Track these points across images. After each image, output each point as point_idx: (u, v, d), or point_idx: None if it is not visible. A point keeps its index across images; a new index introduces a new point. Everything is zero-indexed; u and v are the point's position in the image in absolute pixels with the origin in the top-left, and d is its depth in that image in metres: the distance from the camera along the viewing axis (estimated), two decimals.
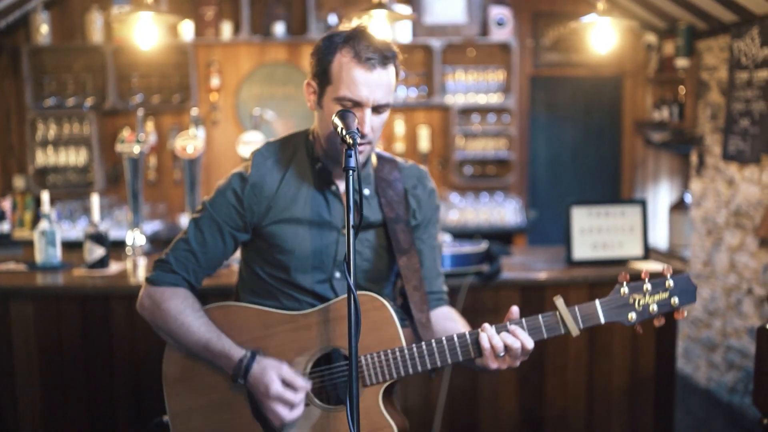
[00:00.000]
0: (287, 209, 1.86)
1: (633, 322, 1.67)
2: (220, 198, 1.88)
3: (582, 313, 1.68)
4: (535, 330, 1.69)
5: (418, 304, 1.89)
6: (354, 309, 1.47)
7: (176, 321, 1.82)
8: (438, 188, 5.98)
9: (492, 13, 5.53)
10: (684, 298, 1.65)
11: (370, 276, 1.91)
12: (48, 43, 5.33)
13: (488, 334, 1.69)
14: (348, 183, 1.53)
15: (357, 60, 1.74)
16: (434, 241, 2.03)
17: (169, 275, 1.86)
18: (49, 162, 5.39)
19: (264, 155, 1.90)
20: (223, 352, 1.78)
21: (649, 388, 3.27)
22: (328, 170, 1.88)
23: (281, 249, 1.85)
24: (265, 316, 1.84)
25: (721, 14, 4.43)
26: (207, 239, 1.87)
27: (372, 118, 1.77)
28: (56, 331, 3.06)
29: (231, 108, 5.64)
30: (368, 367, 1.74)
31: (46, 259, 3.35)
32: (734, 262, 4.54)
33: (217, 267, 1.93)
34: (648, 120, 5.75)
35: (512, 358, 1.70)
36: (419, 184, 2.00)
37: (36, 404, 3.06)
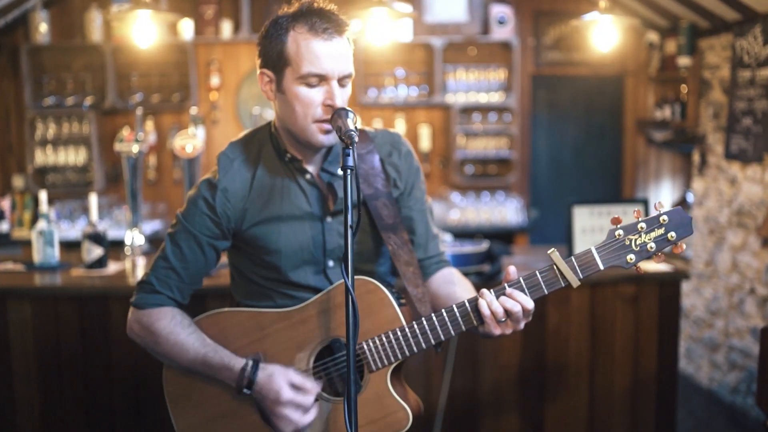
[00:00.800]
0: (265, 208, 1.79)
1: (632, 263, 1.60)
2: (192, 209, 1.81)
3: (579, 262, 1.61)
4: (535, 287, 1.62)
5: (411, 279, 1.83)
6: (353, 311, 1.44)
7: (168, 342, 1.77)
8: (439, 187, 5.98)
9: (493, 11, 5.51)
10: (681, 231, 1.58)
11: (362, 257, 1.84)
12: (47, 42, 5.31)
13: (487, 300, 1.62)
14: (345, 184, 1.49)
15: (314, 33, 1.67)
16: (422, 205, 1.95)
17: (152, 296, 1.80)
18: (48, 161, 5.37)
19: (229, 157, 1.83)
20: (223, 365, 1.73)
21: (651, 389, 3.25)
22: (298, 159, 1.80)
23: (267, 250, 1.80)
24: (259, 317, 1.79)
25: (724, 12, 4.40)
26: (186, 254, 1.80)
27: (340, 91, 1.72)
28: (54, 332, 3.04)
29: (231, 107, 5.62)
30: (371, 352, 1.70)
31: (44, 259, 3.33)
32: (736, 261, 4.52)
33: (201, 279, 1.87)
34: (650, 119, 5.72)
35: (514, 322, 1.64)
36: (393, 150, 1.90)
37: (34, 404, 3.04)
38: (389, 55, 5.58)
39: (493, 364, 3.17)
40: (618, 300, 3.21)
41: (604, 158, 6.04)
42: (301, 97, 1.69)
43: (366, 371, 1.72)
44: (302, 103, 1.69)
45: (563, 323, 3.19)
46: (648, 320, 3.22)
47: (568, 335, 3.20)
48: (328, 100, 1.69)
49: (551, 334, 3.20)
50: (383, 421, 1.70)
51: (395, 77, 5.62)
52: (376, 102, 5.54)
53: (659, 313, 3.22)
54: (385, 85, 5.61)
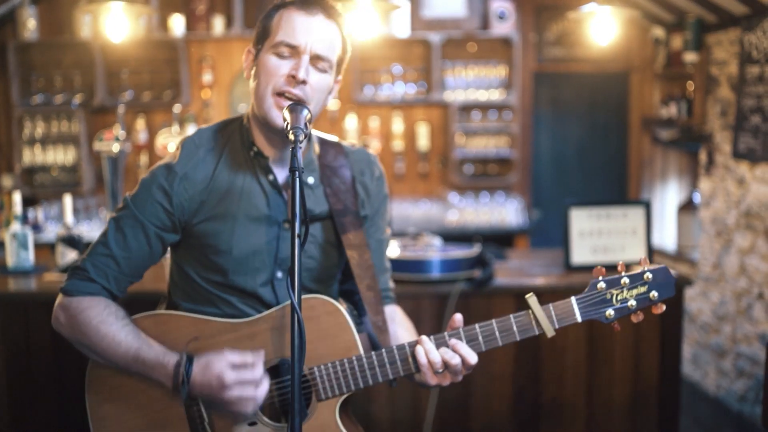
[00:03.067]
0: (220, 203, 1.65)
1: (611, 318, 1.56)
2: (144, 194, 1.65)
3: (557, 311, 1.55)
4: (507, 332, 1.55)
5: (373, 305, 1.70)
6: (299, 332, 1.29)
7: (98, 332, 1.59)
8: (437, 188, 5.84)
9: (493, 6, 5.37)
10: (663, 291, 1.55)
11: (316, 276, 1.72)
12: (35, 38, 5.20)
13: (425, 348, 1.53)
14: (293, 187, 1.35)
15: (299, 6, 1.61)
16: (381, 234, 1.84)
17: (85, 284, 1.63)
18: (36, 161, 5.26)
19: (195, 143, 1.69)
20: (157, 361, 1.57)
21: (652, 398, 3.11)
22: (265, 156, 1.67)
23: (216, 249, 1.65)
24: (203, 325, 1.64)
25: (732, 6, 4.28)
26: (129, 242, 1.64)
27: (311, 71, 1.59)
28: (24, 338, 2.93)
29: (224, 105, 5.49)
30: (322, 379, 1.56)
31: (17, 262, 3.22)
32: (745, 265, 4.39)
33: (142, 273, 1.70)
34: (655, 117, 5.60)
35: (452, 374, 1.55)
36: (367, 170, 1.81)
37: (4, 412, 2.93)
38: (386, 51, 5.44)
39: (485, 375, 3.03)
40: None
41: (608, 157, 5.90)
42: (268, 65, 1.60)
43: (314, 398, 1.58)
44: (267, 72, 1.60)
45: (559, 333, 3.00)
46: (649, 328, 3.07)
47: (564, 344, 3.06)
48: (293, 70, 1.58)
49: (547, 343, 3.05)
50: None
51: (392, 74, 5.48)
52: (373, 100, 5.39)
53: (661, 320, 3.07)
54: (382, 83, 5.47)
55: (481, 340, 1.55)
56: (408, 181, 5.63)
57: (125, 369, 1.61)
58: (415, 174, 5.65)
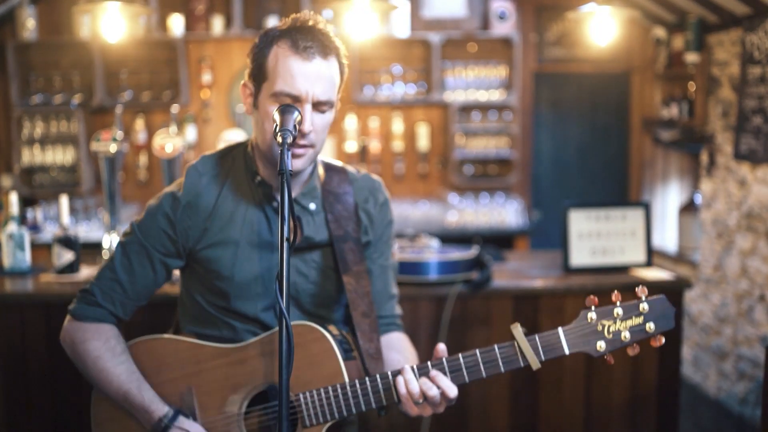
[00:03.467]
0: (223, 230, 1.67)
1: (602, 351, 1.48)
2: (150, 221, 1.69)
3: (543, 342, 1.50)
4: (491, 363, 1.52)
5: (366, 333, 1.69)
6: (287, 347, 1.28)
7: (95, 366, 1.65)
8: (437, 189, 5.82)
9: (493, 6, 5.34)
10: (661, 323, 1.47)
11: (318, 300, 1.72)
12: (34, 38, 5.18)
13: (405, 378, 1.51)
14: (282, 189, 1.34)
15: (294, 50, 1.57)
16: (386, 260, 1.84)
17: (93, 309, 1.68)
18: (35, 161, 5.24)
19: (199, 171, 1.71)
20: (143, 407, 1.61)
21: (651, 404, 3.08)
22: (269, 184, 1.69)
23: (219, 275, 1.67)
24: (197, 350, 1.66)
25: (733, 6, 4.25)
26: (135, 268, 1.68)
27: (314, 116, 1.58)
28: (20, 340, 2.91)
29: (223, 105, 5.47)
30: (307, 406, 1.56)
31: (14, 263, 3.20)
32: (746, 266, 4.37)
33: (148, 297, 1.75)
34: (656, 118, 5.57)
35: (431, 406, 1.53)
36: (371, 196, 1.81)
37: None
38: (385, 52, 5.42)
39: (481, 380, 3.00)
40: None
41: (609, 158, 5.87)
42: (271, 115, 1.57)
43: (300, 426, 1.57)
44: (271, 122, 1.56)
45: None
46: None
47: (526, 368, 3.02)
48: (299, 124, 1.54)
49: None
50: None
51: (392, 74, 5.45)
52: (373, 100, 5.37)
53: None
54: (382, 83, 5.44)
55: (464, 371, 1.53)
56: (408, 182, 5.61)
57: (115, 402, 1.67)
58: (414, 174, 5.62)
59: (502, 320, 2.98)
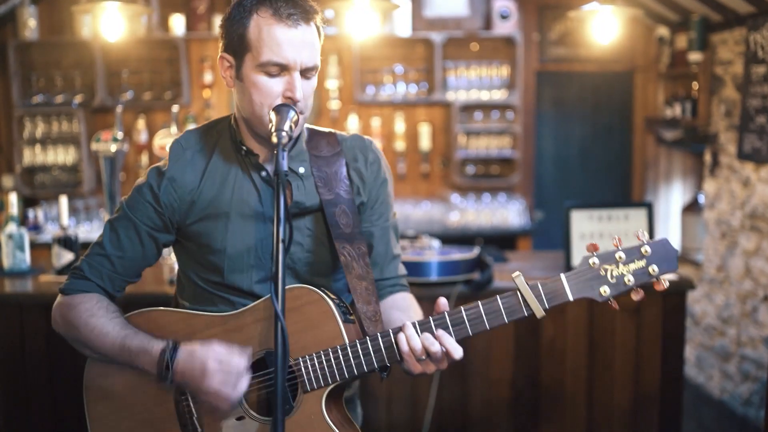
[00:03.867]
0: (212, 203, 1.65)
1: (606, 296, 1.45)
2: (136, 196, 1.68)
3: (546, 290, 1.46)
4: (494, 314, 1.48)
5: (363, 295, 1.64)
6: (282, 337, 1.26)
7: (87, 325, 1.62)
8: (439, 188, 5.79)
9: (495, 5, 5.32)
10: (664, 265, 1.42)
11: (315, 269, 1.69)
12: (35, 38, 5.17)
13: (407, 335, 1.49)
14: (277, 190, 1.32)
15: (277, 17, 1.53)
16: (386, 221, 1.78)
17: (81, 282, 1.68)
18: (37, 161, 5.23)
19: (182, 146, 1.69)
20: (141, 348, 1.58)
21: (653, 407, 3.07)
22: (255, 154, 1.66)
23: (211, 249, 1.65)
24: (191, 320, 1.64)
25: (737, 5, 4.23)
26: (123, 242, 1.67)
27: (302, 83, 1.57)
28: (19, 340, 2.92)
29: (225, 105, 5.46)
30: (307, 370, 1.54)
31: (13, 264, 3.20)
32: (749, 267, 4.34)
33: (138, 272, 1.73)
34: (660, 117, 5.55)
35: (434, 362, 1.50)
36: (360, 155, 1.75)
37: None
38: (387, 51, 5.40)
39: (484, 379, 2.99)
40: (618, 311, 3.00)
41: (611, 158, 5.84)
42: (259, 86, 1.56)
43: (300, 390, 1.55)
44: (260, 93, 1.56)
45: (559, 335, 3.00)
46: (651, 332, 3.03)
47: (564, 348, 3.01)
48: (288, 91, 1.55)
49: (546, 347, 3.01)
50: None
51: (394, 74, 5.43)
52: (374, 100, 5.36)
53: (663, 324, 3.03)
54: (384, 83, 5.42)
55: (467, 323, 1.49)
56: (409, 182, 5.59)
57: (114, 359, 1.63)
58: (416, 174, 5.61)
59: None
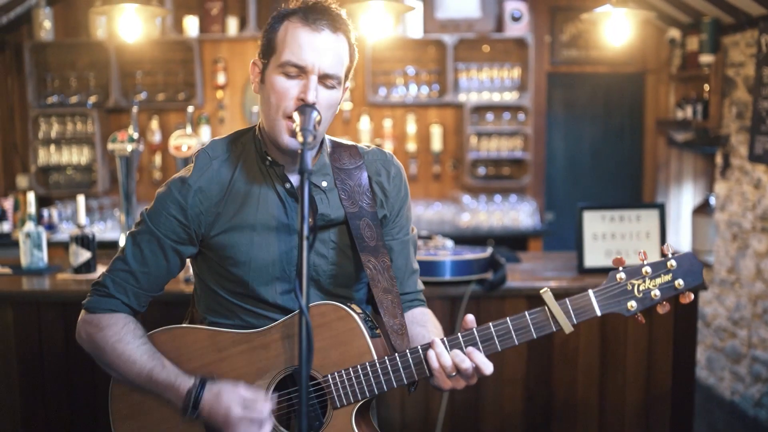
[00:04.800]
0: (237, 214, 1.63)
1: (633, 311, 1.47)
2: (159, 208, 1.65)
3: (574, 305, 1.49)
4: (523, 330, 1.50)
5: (389, 309, 1.65)
6: (306, 336, 1.28)
7: (114, 351, 1.61)
8: (451, 189, 5.81)
9: (507, 7, 5.34)
10: (690, 278, 1.45)
11: (339, 281, 1.69)
12: (51, 39, 5.23)
13: (436, 352, 1.50)
14: (302, 188, 1.33)
15: (304, 22, 1.54)
16: (406, 235, 1.79)
17: (106, 300, 1.65)
18: (51, 161, 5.29)
19: (209, 155, 1.66)
20: (169, 383, 1.58)
21: (665, 407, 3.07)
22: (280, 164, 1.64)
23: (234, 261, 1.63)
24: (218, 337, 1.63)
25: (749, 7, 4.24)
26: (147, 257, 1.64)
27: (320, 90, 1.55)
28: (37, 338, 2.95)
29: (238, 106, 5.50)
30: (336, 387, 1.55)
31: (31, 262, 3.23)
32: (761, 268, 4.34)
33: (162, 287, 1.71)
34: (671, 119, 5.55)
35: (465, 378, 1.52)
36: (383, 169, 1.75)
37: (16, 410, 2.95)
38: (399, 53, 5.43)
39: (496, 379, 3.01)
40: None
41: (623, 160, 5.85)
42: (276, 87, 1.55)
43: (329, 406, 1.57)
44: (276, 94, 1.55)
45: (571, 335, 3.01)
46: (662, 333, 3.04)
47: (576, 348, 3.03)
48: (302, 93, 1.53)
49: (559, 348, 3.02)
50: None
51: (406, 75, 5.46)
52: (386, 101, 5.39)
53: (675, 325, 3.04)
54: (396, 84, 5.45)
55: (496, 340, 1.51)
56: (421, 183, 5.62)
57: (140, 387, 1.63)
58: (428, 175, 5.63)
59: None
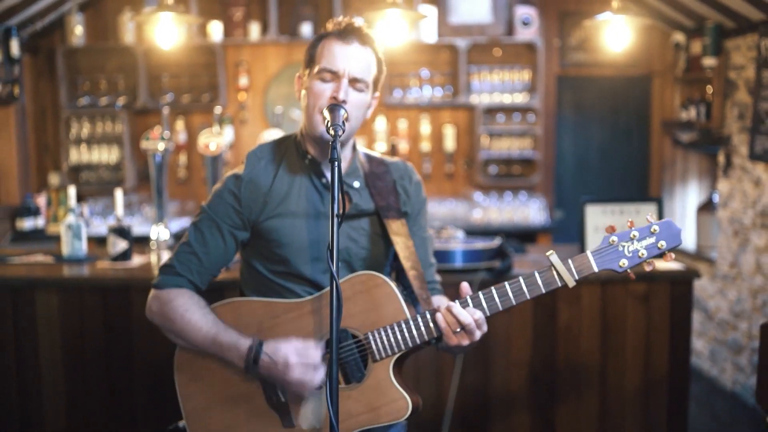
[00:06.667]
0: (282, 204, 1.93)
1: (624, 267, 1.73)
2: (217, 199, 1.95)
3: (576, 264, 1.75)
4: (533, 286, 1.75)
5: (417, 280, 1.94)
6: (336, 297, 1.53)
7: (183, 319, 1.87)
8: (463, 187, 6.00)
9: (518, 12, 5.54)
10: (671, 240, 1.72)
11: (368, 263, 1.97)
12: (82, 44, 5.50)
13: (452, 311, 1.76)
14: (333, 175, 1.60)
15: (337, 38, 1.88)
16: (424, 232, 2.10)
17: (173, 278, 1.92)
18: (82, 159, 5.56)
19: (257, 156, 1.99)
20: (231, 344, 1.82)
21: (662, 388, 3.26)
22: (317, 162, 1.95)
23: (278, 243, 1.92)
24: (271, 307, 1.90)
25: (749, 12, 4.38)
26: (208, 240, 1.93)
27: (350, 91, 1.87)
28: (79, 321, 3.17)
29: (259, 107, 5.74)
30: (375, 343, 1.81)
31: (72, 251, 3.47)
32: (760, 263, 4.48)
33: (220, 267, 1.98)
34: (676, 120, 5.70)
35: (469, 333, 1.76)
36: (406, 176, 2.08)
37: (60, 387, 3.18)
38: (414, 56, 5.64)
39: (504, 360, 3.22)
40: (629, 298, 3.23)
41: (630, 159, 6.02)
42: (314, 89, 1.88)
43: (370, 361, 1.82)
44: (314, 95, 1.87)
45: (574, 321, 3.22)
46: (659, 319, 3.23)
47: (579, 333, 3.23)
48: (335, 92, 1.85)
49: (562, 331, 3.23)
50: (384, 409, 1.80)
51: (420, 78, 5.68)
52: (402, 102, 5.61)
53: (671, 311, 3.23)
54: (410, 86, 5.68)
55: (511, 296, 1.76)
56: (435, 181, 5.84)
57: (204, 351, 1.88)
58: (441, 174, 5.85)
59: (522, 306, 3.19)
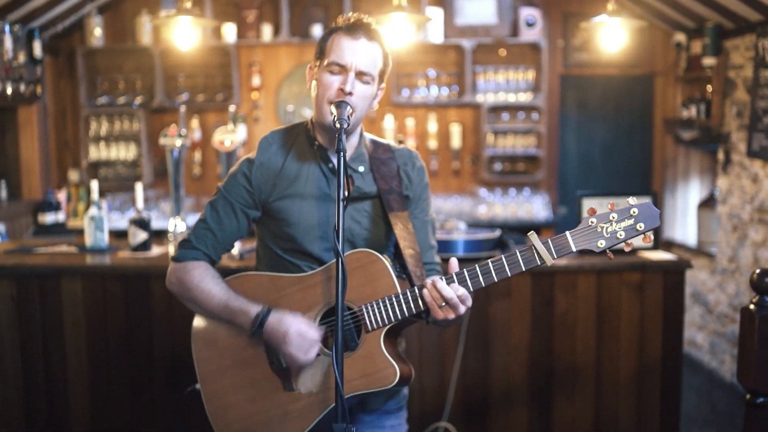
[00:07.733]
0: (291, 186, 2.08)
1: (602, 248, 1.79)
2: (231, 181, 2.12)
3: (555, 243, 1.83)
4: (514, 264, 1.86)
5: (413, 260, 2.07)
6: (342, 274, 1.69)
7: (198, 288, 2.05)
8: (469, 184, 6.13)
9: (522, 13, 5.67)
10: (649, 222, 1.75)
11: (370, 243, 2.11)
12: (101, 45, 5.69)
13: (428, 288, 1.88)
14: (339, 165, 1.76)
15: (346, 33, 2.02)
16: (425, 215, 2.22)
17: (190, 251, 2.10)
18: (101, 156, 5.75)
19: (269, 141, 2.15)
20: (241, 309, 2.01)
21: (656, 375, 3.39)
22: (325, 148, 2.10)
23: (287, 222, 2.08)
24: (277, 281, 2.08)
25: (748, 13, 4.49)
26: (222, 217, 2.10)
27: (356, 83, 1.99)
28: (102, 307, 3.36)
29: (271, 106, 5.91)
30: (368, 314, 1.96)
31: (94, 242, 3.65)
32: (758, 257, 4.59)
33: (233, 243, 2.16)
34: (678, 118, 5.80)
35: (453, 308, 1.88)
36: (409, 161, 2.21)
37: (83, 370, 3.36)
38: (421, 57, 5.80)
39: (504, 346, 3.36)
40: (624, 288, 3.37)
41: (632, 157, 6.13)
42: (323, 81, 2.01)
43: (363, 331, 1.97)
44: (323, 86, 2.01)
45: (570, 309, 3.36)
46: (653, 308, 3.37)
47: (575, 321, 3.37)
48: (342, 84, 1.99)
49: (559, 318, 3.37)
50: (374, 376, 1.95)
51: (427, 78, 5.83)
52: (409, 101, 5.76)
53: (664, 300, 3.36)
54: (418, 86, 5.83)
55: (493, 272, 1.88)
56: (441, 178, 5.99)
57: (217, 315, 2.06)
58: (448, 171, 6.00)
59: (521, 294, 3.35)
